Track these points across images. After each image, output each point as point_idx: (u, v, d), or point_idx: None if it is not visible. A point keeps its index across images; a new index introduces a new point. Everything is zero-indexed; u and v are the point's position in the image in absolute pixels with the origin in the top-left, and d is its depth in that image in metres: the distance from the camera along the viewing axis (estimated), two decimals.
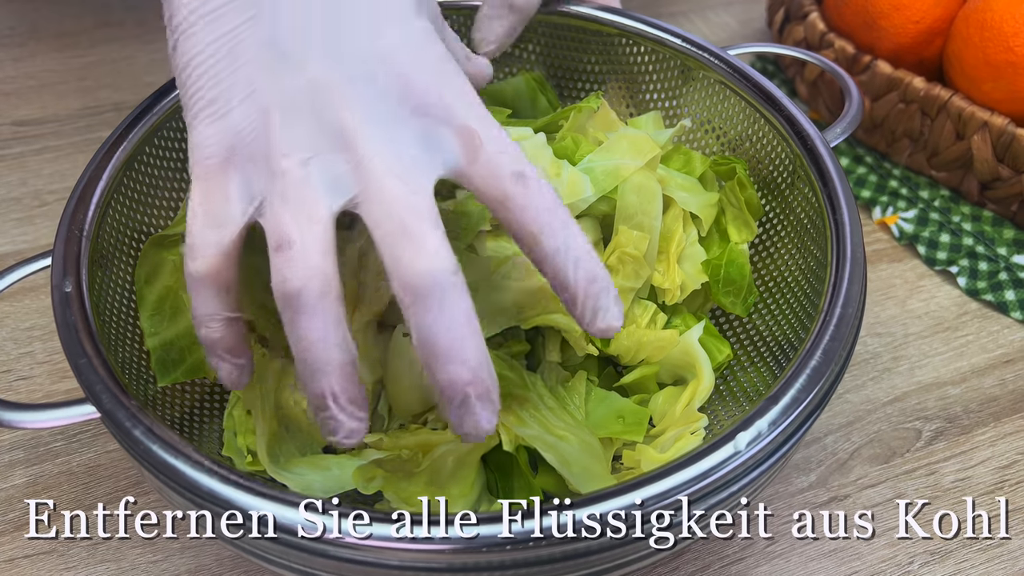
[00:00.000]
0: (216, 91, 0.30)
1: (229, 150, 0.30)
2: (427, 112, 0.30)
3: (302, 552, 0.29)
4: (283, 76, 0.30)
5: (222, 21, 0.30)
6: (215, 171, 0.30)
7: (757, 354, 0.42)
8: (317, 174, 0.29)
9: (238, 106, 0.30)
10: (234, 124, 0.30)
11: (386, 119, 0.29)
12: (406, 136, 0.30)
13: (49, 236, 0.56)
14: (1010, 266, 0.54)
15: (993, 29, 0.54)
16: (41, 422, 0.32)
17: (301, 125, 0.29)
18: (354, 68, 0.30)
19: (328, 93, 0.29)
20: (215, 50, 0.30)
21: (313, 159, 0.29)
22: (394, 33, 0.31)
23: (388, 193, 0.28)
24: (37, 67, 0.68)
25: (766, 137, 0.44)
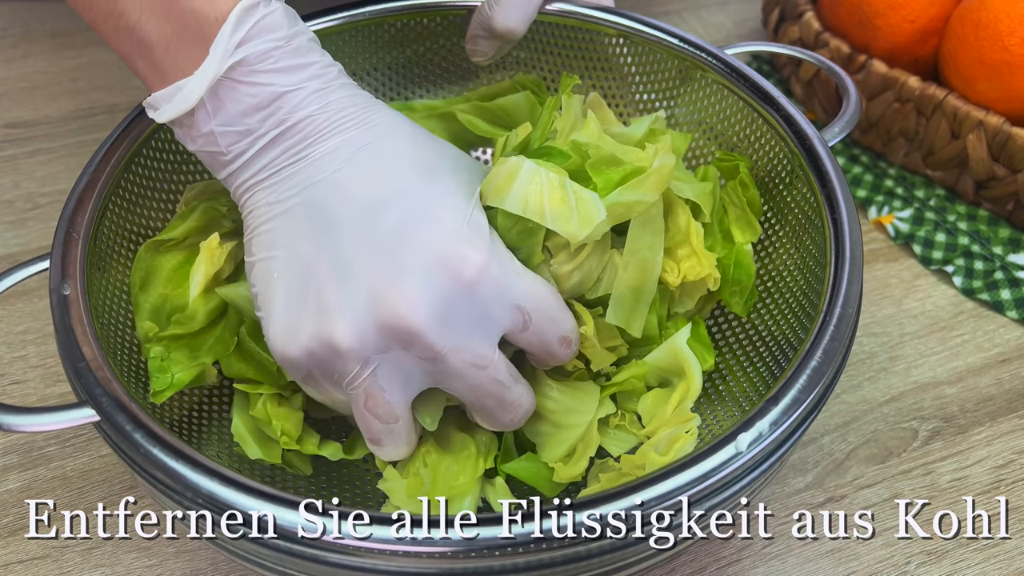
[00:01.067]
0: (287, 314, 0.34)
1: (308, 369, 0.34)
2: (483, 301, 0.34)
3: (299, 558, 0.29)
4: (343, 289, 0.33)
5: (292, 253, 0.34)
6: (309, 383, 0.36)
7: (756, 353, 0.42)
8: (390, 374, 0.34)
9: (305, 324, 0.33)
10: (305, 346, 0.34)
11: (450, 319, 0.33)
12: (468, 328, 0.34)
13: (41, 239, 0.55)
14: (1006, 265, 0.54)
15: (988, 28, 0.54)
16: (39, 426, 0.32)
17: (369, 334, 0.33)
18: (416, 268, 0.33)
19: (394, 299, 0.33)
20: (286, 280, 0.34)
21: (385, 362, 0.34)
22: (447, 227, 0.34)
23: (469, 379, 0.35)
24: (29, 69, 0.67)
25: (764, 137, 0.44)
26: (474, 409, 0.37)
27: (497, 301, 0.34)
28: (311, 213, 0.34)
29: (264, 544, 0.29)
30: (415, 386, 0.35)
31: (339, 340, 0.33)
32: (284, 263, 0.34)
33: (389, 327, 0.33)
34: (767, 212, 0.45)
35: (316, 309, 0.33)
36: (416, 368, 0.34)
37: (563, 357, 0.38)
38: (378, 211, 0.34)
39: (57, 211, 0.55)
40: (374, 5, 0.48)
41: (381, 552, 0.28)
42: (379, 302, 0.33)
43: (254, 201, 0.35)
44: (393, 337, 0.33)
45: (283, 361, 0.35)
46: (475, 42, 0.47)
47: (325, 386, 0.35)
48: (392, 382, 0.34)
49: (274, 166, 0.35)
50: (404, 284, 0.33)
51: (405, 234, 0.33)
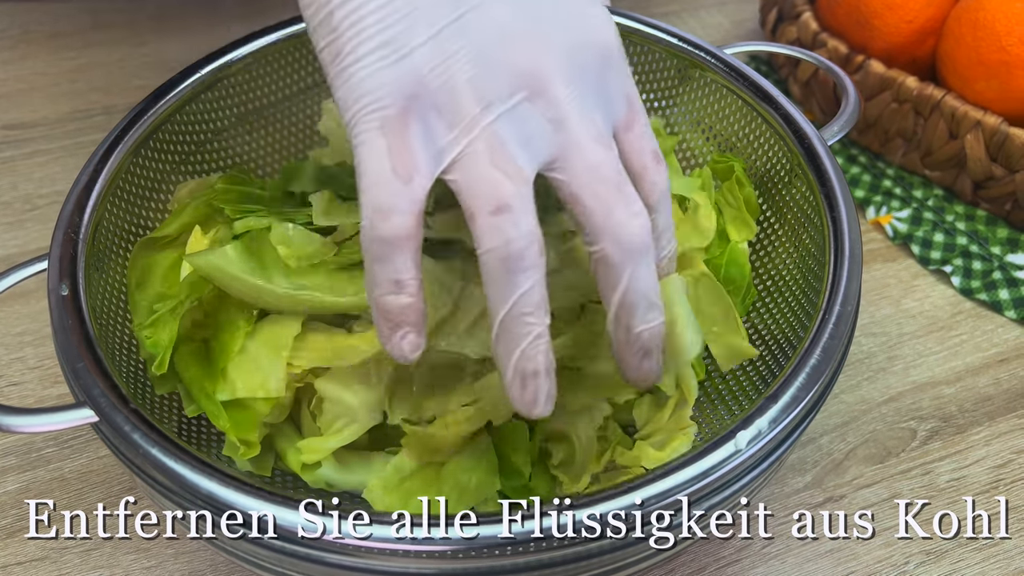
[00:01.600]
0: (391, 32, 0.28)
1: (410, 98, 0.28)
2: (604, 71, 0.30)
3: (298, 559, 0.29)
4: (473, 22, 0.28)
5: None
6: (395, 121, 0.28)
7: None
8: (512, 130, 0.28)
9: (420, 47, 0.28)
10: (416, 67, 0.28)
11: (580, 78, 0.29)
12: (592, 96, 0.30)
13: (39, 240, 0.55)
14: (1004, 265, 0.54)
15: (986, 28, 0.54)
16: (37, 427, 0.32)
17: (494, 73, 0.28)
18: (550, 20, 0.29)
19: (525, 42, 0.29)
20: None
21: (507, 113, 0.28)
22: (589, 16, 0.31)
23: (593, 156, 0.29)
24: (27, 70, 0.67)
25: (763, 136, 0.44)
26: (590, 216, 0.30)
27: (620, 86, 0.31)
28: None
29: (263, 545, 0.29)
30: (537, 154, 0.29)
31: (459, 69, 0.28)
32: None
33: (520, 69, 0.28)
34: (766, 211, 0.45)
35: (433, 35, 0.28)
36: (538, 129, 0.29)
37: (653, 173, 0.32)
38: None
39: (55, 212, 0.55)
40: None
41: (381, 552, 0.28)
42: (512, 40, 0.28)
43: None
44: (521, 82, 0.28)
45: (370, 87, 0.28)
46: None
47: (412, 131, 0.28)
48: (516, 138, 0.29)
49: None
50: (540, 29, 0.29)
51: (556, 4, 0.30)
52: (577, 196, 0.30)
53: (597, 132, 0.30)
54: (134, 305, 0.39)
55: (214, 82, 0.45)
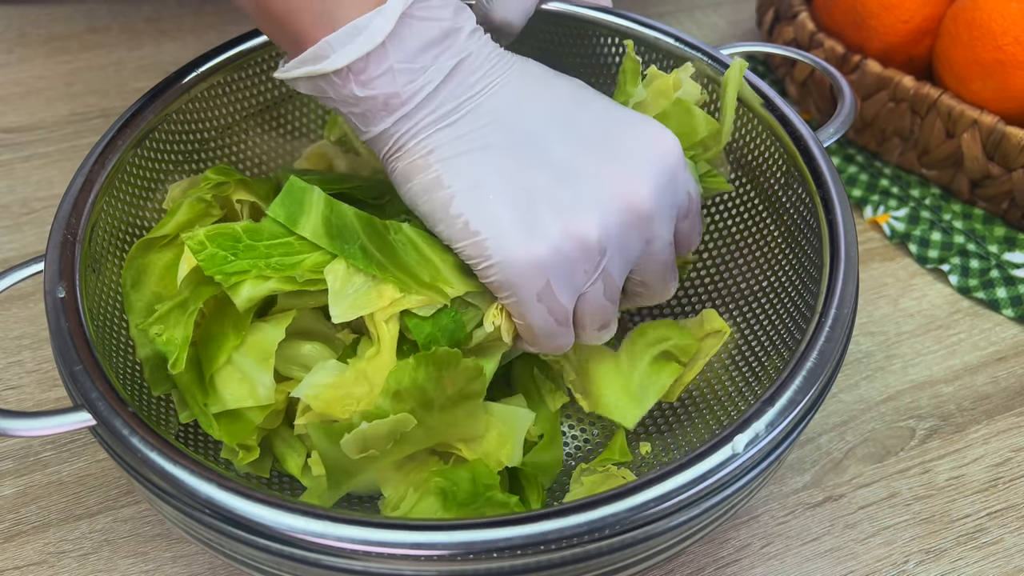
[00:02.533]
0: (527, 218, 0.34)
1: (551, 267, 0.34)
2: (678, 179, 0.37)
3: (297, 562, 0.29)
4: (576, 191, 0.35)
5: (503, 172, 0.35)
6: (545, 289, 0.35)
7: (752, 354, 0.42)
8: (619, 259, 0.36)
9: (550, 224, 0.34)
10: (556, 244, 0.34)
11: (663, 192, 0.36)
12: (670, 203, 0.37)
13: (37, 243, 0.55)
14: (1001, 263, 0.54)
15: (982, 28, 0.54)
16: (35, 430, 0.32)
17: (608, 219, 0.35)
18: (632, 161, 0.36)
19: (625, 180, 0.35)
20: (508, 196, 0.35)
21: (618, 244, 0.35)
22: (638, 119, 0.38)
23: (661, 255, 0.38)
24: (24, 73, 0.67)
25: (760, 137, 0.44)
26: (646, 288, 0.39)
27: (685, 182, 0.37)
28: (509, 135, 0.35)
29: (262, 548, 0.29)
30: (627, 267, 0.37)
31: (587, 232, 0.34)
32: (497, 182, 0.35)
33: (627, 212, 0.35)
34: (762, 212, 0.45)
35: (556, 211, 0.34)
36: (635, 249, 0.36)
37: (695, 243, 0.41)
38: (572, 120, 0.36)
39: (52, 215, 0.55)
40: None
41: (379, 555, 0.28)
42: (615, 193, 0.35)
43: (436, 140, 0.35)
44: (629, 222, 0.35)
45: (525, 270, 0.34)
46: None
47: (558, 292, 0.35)
48: (617, 267, 0.36)
49: (452, 101, 0.35)
50: (630, 173, 0.35)
51: (605, 132, 0.36)
52: (646, 283, 0.39)
53: (669, 233, 0.37)
54: (129, 305, 0.39)
55: (210, 83, 0.45)
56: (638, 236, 0.36)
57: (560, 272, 0.35)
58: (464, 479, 0.36)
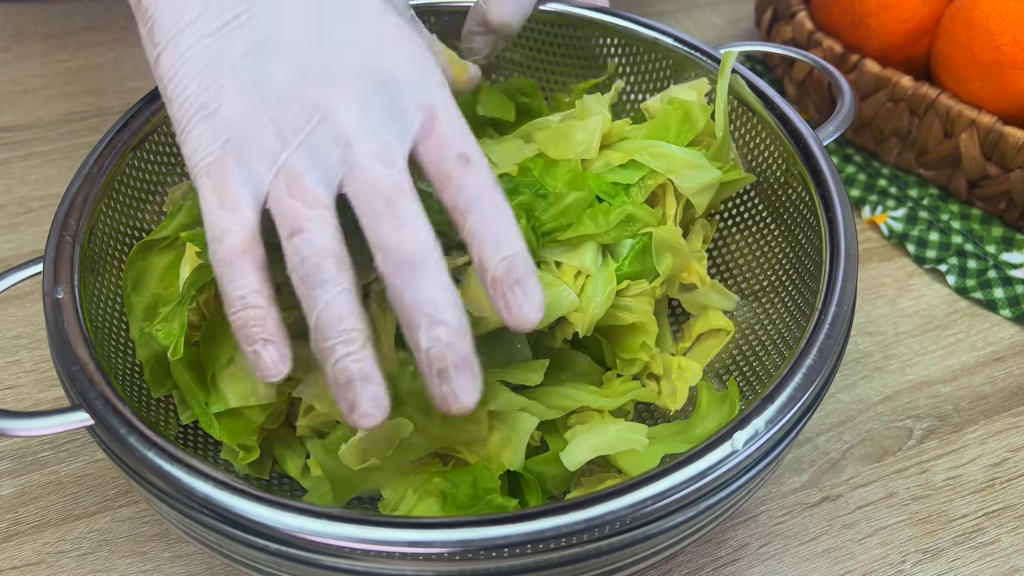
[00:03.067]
0: (206, 94, 0.32)
1: (224, 144, 0.31)
2: (394, 88, 0.32)
3: (296, 562, 0.29)
4: (269, 69, 0.32)
5: (203, 27, 0.32)
6: (216, 166, 0.31)
7: (751, 351, 0.42)
8: (308, 158, 0.31)
9: (227, 101, 0.31)
10: (225, 117, 0.31)
11: (368, 100, 0.32)
12: (378, 114, 0.32)
13: (34, 243, 0.55)
14: (999, 264, 0.54)
15: (980, 28, 0.54)
16: (33, 430, 0.32)
17: (289, 109, 0.31)
18: (332, 57, 0.32)
19: (315, 76, 0.31)
20: (201, 56, 0.32)
21: (303, 143, 0.31)
22: (365, 25, 0.33)
23: (371, 173, 0.31)
24: (21, 72, 0.67)
25: (759, 136, 0.44)
26: (365, 222, 0.31)
27: (414, 98, 0.32)
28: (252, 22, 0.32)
29: (260, 548, 0.29)
30: (329, 176, 0.31)
31: (262, 110, 0.31)
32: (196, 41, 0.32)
33: (310, 100, 0.31)
34: (762, 211, 0.45)
35: (238, 89, 0.31)
36: (331, 154, 0.31)
37: (459, 178, 0.32)
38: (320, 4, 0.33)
39: (50, 215, 0.55)
40: None
41: (378, 555, 0.28)
42: (304, 76, 0.31)
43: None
44: (312, 111, 0.31)
45: (195, 146, 0.32)
46: (470, 39, 0.47)
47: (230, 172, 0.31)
48: (310, 165, 0.31)
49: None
50: (332, 60, 0.32)
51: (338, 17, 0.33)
52: (360, 214, 0.31)
53: (379, 148, 0.31)
54: (129, 307, 0.39)
55: None
56: (330, 133, 0.31)
57: (234, 151, 0.31)
58: (465, 482, 0.36)
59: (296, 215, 0.31)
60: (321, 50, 0.32)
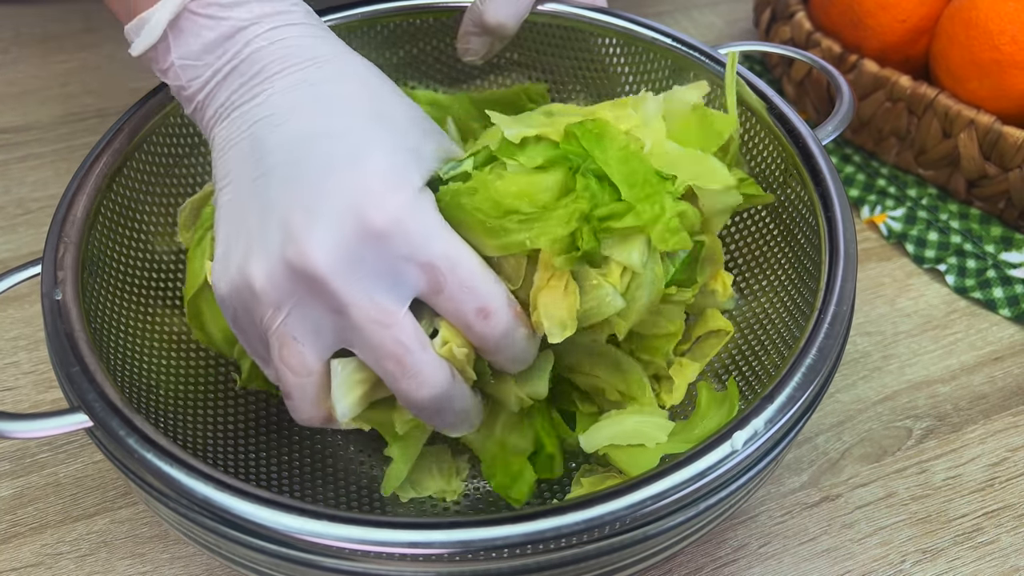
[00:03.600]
0: (223, 247, 0.34)
1: (234, 314, 0.34)
2: (392, 253, 0.31)
3: (295, 563, 0.29)
4: (263, 232, 0.32)
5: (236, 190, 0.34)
6: (233, 324, 0.35)
7: (750, 351, 0.42)
8: (299, 325, 0.32)
9: (234, 266, 0.33)
10: (234, 283, 0.33)
11: (357, 265, 0.31)
12: (374, 280, 0.32)
13: (32, 244, 0.55)
14: (998, 263, 0.54)
15: (978, 28, 0.54)
16: (31, 432, 0.32)
17: (279, 277, 0.32)
18: (324, 213, 0.31)
19: (301, 240, 0.31)
20: (232, 209, 0.34)
21: (294, 309, 0.32)
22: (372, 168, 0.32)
23: (374, 337, 0.32)
24: (19, 73, 0.67)
25: (758, 136, 0.44)
26: (382, 376, 0.33)
27: (408, 256, 0.32)
28: (252, 148, 0.33)
29: (259, 549, 0.29)
30: (326, 341, 0.33)
31: (254, 278, 0.32)
32: (227, 198, 0.34)
33: (296, 270, 0.31)
34: (761, 211, 0.45)
35: (245, 245, 0.32)
36: (325, 320, 0.32)
37: (481, 331, 0.33)
38: (309, 146, 0.32)
39: (48, 216, 0.55)
40: (365, 7, 0.48)
41: (378, 556, 0.28)
42: (289, 242, 0.31)
43: (213, 138, 0.35)
44: (300, 281, 0.31)
45: (217, 298, 0.34)
46: (466, 40, 0.46)
47: (249, 333, 0.34)
48: (305, 333, 0.32)
49: (231, 103, 0.34)
50: (314, 224, 0.31)
51: (327, 171, 0.32)
52: (376, 370, 0.33)
53: (377, 311, 0.32)
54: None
55: None
56: (322, 301, 0.32)
57: (241, 312, 0.33)
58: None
59: (284, 380, 0.33)
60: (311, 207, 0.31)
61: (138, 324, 0.40)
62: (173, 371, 0.41)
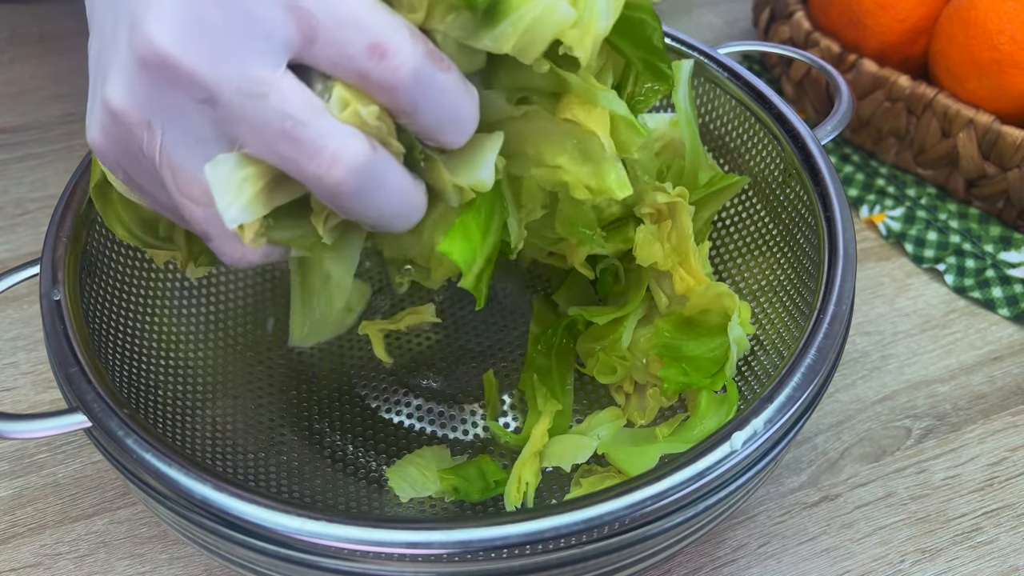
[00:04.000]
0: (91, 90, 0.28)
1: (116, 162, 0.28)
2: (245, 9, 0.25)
3: (295, 564, 0.29)
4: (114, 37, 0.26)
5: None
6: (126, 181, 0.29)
7: (749, 351, 0.42)
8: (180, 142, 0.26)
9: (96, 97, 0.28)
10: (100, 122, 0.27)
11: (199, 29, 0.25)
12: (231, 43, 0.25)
13: (31, 245, 0.55)
14: (997, 263, 0.54)
15: (977, 27, 0.54)
16: (30, 432, 0.32)
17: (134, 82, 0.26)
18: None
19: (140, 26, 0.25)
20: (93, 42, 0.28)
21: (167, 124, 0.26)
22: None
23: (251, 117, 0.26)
24: (17, 73, 0.67)
25: (757, 136, 0.44)
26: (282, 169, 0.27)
27: (262, 3, 0.25)
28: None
29: (258, 550, 0.29)
30: (213, 149, 0.27)
31: (113, 99, 0.26)
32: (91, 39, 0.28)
33: (149, 65, 0.25)
34: (760, 211, 0.45)
35: (102, 71, 0.27)
36: (201, 120, 0.26)
37: (381, 77, 0.26)
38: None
39: (46, 216, 0.55)
40: None
41: (377, 556, 0.28)
42: (133, 37, 0.25)
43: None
44: (158, 79, 0.25)
45: (97, 156, 0.28)
46: None
47: (143, 181, 0.28)
48: (189, 149, 0.26)
49: None
50: (152, 3, 0.25)
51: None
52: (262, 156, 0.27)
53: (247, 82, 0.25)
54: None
55: None
56: (182, 97, 0.25)
57: (121, 157, 0.28)
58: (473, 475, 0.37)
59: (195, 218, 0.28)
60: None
61: (137, 324, 0.40)
62: (172, 371, 0.41)
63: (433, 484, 0.41)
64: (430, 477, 0.41)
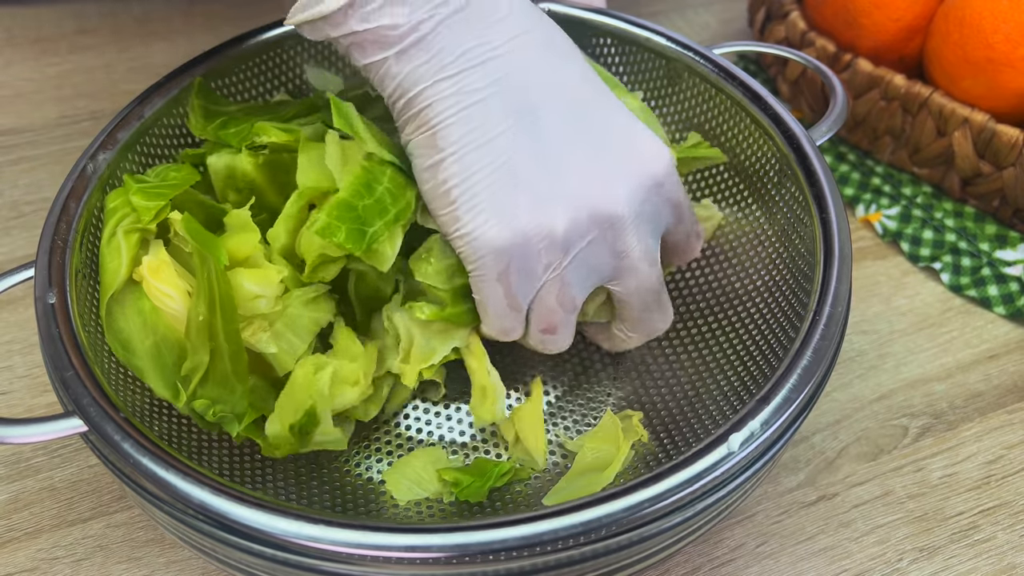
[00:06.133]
0: (501, 202, 0.34)
1: (517, 256, 0.35)
2: (661, 195, 0.37)
3: (291, 568, 0.29)
4: (559, 173, 0.35)
5: (494, 144, 0.34)
6: (506, 274, 0.35)
7: (746, 352, 0.42)
8: (581, 269, 0.36)
9: (523, 212, 0.34)
10: (521, 228, 0.34)
11: (641, 207, 0.36)
12: (648, 220, 0.37)
13: (26, 247, 0.55)
14: (993, 261, 0.54)
15: (972, 26, 0.54)
16: (26, 437, 0.32)
17: (578, 219, 0.35)
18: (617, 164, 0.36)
19: (598, 182, 0.35)
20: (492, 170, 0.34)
21: (581, 252, 0.36)
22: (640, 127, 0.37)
23: (642, 276, 0.37)
24: (13, 76, 0.67)
25: (752, 136, 0.44)
26: (632, 313, 0.39)
27: (668, 198, 0.37)
28: (511, 103, 0.34)
29: (256, 553, 0.29)
30: (592, 282, 0.37)
31: (557, 225, 0.34)
32: (486, 154, 0.34)
33: (599, 213, 0.35)
34: (756, 211, 0.45)
35: (532, 197, 0.34)
36: (604, 261, 0.36)
37: (692, 252, 0.41)
38: (577, 107, 0.36)
39: (41, 219, 0.55)
40: None
41: (375, 559, 0.28)
42: (592, 192, 0.35)
43: (435, 92, 0.34)
44: (597, 224, 0.35)
45: (490, 250, 0.35)
46: None
47: (514, 279, 0.35)
48: (579, 275, 0.36)
49: (456, 48, 0.33)
50: (612, 175, 0.35)
51: (602, 129, 0.36)
52: (626, 302, 0.39)
53: (648, 252, 0.37)
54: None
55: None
56: (607, 244, 0.36)
57: (521, 260, 0.35)
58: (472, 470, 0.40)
59: (554, 318, 0.37)
60: (599, 152, 0.36)
61: None
62: None
63: (431, 485, 0.41)
64: (427, 478, 0.41)
